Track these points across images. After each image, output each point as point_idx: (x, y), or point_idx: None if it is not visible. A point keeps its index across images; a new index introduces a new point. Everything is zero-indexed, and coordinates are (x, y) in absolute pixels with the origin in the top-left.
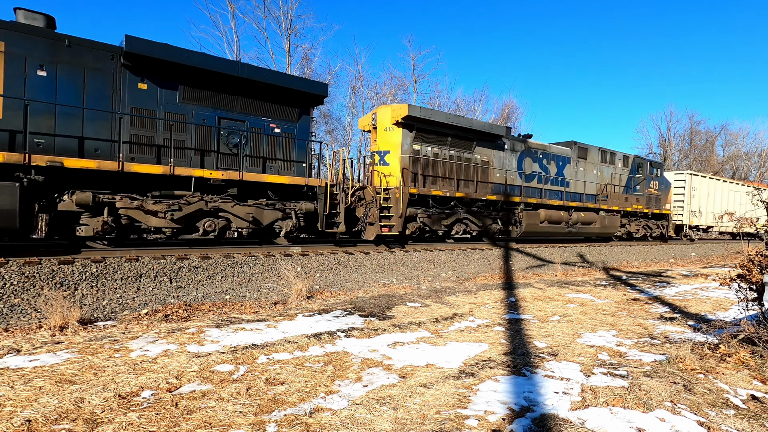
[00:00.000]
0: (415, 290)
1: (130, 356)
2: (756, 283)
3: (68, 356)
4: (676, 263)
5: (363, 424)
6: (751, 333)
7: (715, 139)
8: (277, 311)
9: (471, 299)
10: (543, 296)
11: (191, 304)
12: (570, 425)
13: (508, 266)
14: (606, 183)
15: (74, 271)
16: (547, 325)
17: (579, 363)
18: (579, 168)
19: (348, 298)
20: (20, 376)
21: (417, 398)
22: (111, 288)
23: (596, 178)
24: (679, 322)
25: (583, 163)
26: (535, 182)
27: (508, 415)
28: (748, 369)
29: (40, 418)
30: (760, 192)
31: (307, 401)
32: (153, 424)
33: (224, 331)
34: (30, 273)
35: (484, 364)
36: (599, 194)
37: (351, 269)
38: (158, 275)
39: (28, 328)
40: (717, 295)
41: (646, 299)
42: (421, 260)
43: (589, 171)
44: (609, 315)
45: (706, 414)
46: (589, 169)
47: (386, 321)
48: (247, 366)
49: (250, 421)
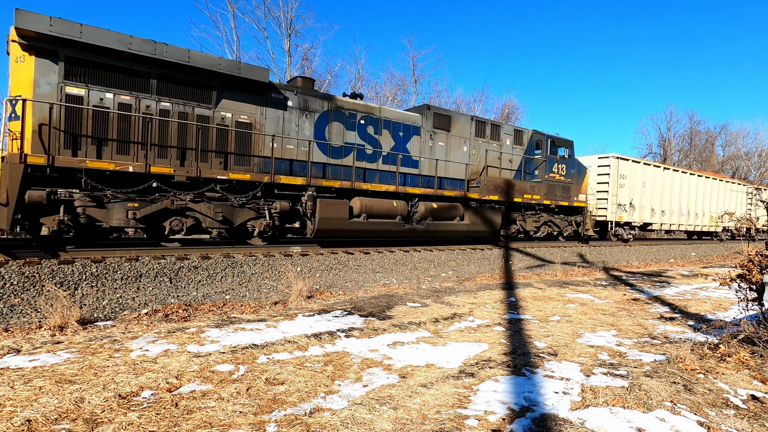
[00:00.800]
0: (415, 290)
1: (130, 356)
2: (756, 283)
3: (68, 356)
4: (676, 263)
5: (363, 424)
6: (751, 333)
7: (715, 139)
8: (277, 311)
9: (471, 299)
10: (543, 296)
11: (191, 304)
12: (570, 425)
13: (508, 266)
14: (485, 165)
15: (74, 271)
16: (547, 325)
17: (579, 363)
18: (437, 143)
19: (348, 298)
20: (20, 376)
21: (417, 398)
22: (111, 288)
23: (467, 157)
24: (679, 322)
25: (443, 137)
26: (351, 158)
27: (508, 415)
28: (748, 369)
29: (40, 418)
30: (760, 192)
31: (307, 401)
32: (153, 424)
33: (224, 331)
34: (30, 273)
35: (484, 364)
36: (471, 179)
37: (351, 269)
38: (158, 275)
39: (28, 328)
40: (717, 295)
41: (646, 299)
42: (421, 260)
43: (455, 147)
44: (609, 315)
45: (706, 414)
46: (454, 144)
47: (386, 321)
48: (247, 366)
49: (250, 421)
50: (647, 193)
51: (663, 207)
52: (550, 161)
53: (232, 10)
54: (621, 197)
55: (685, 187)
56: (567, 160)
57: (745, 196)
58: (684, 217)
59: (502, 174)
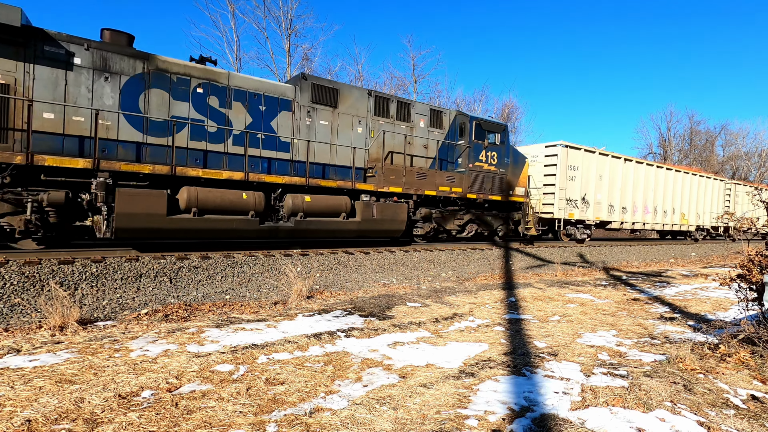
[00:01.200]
0: (415, 290)
1: (130, 356)
2: (756, 283)
3: (68, 356)
4: (676, 263)
5: (363, 424)
6: (751, 333)
7: (715, 139)
8: (277, 311)
9: (471, 299)
10: (543, 296)
11: (191, 304)
12: (570, 425)
13: (508, 266)
14: (387, 150)
15: (74, 271)
16: (547, 325)
17: (579, 363)
18: (317, 121)
19: (348, 298)
20: (20, 376)
21: (417, 398)
22: (111, 288)
23: (363, 140)
24: (679, 322)
25: (327, 114)
26: (184, 137)
27: (508, 415)
28: (748, 369)
29: (40, 418)
30: (760, 192)
31: (307, 401)
32: (153, 424)
33: (224, 331)
34: (30, 273)
35: (484, 364)
36: (371, 168)
37: (351, 269)
38: (158, 275)
39: (28, 328)
40: (717, 295)
41: (646, 299)
42: (421, 260)
43: (344, 128)
44: (609, 315)
45: (706, 414)
46: (344, 124)
47: (386, 321)
48: (247, 366)
49: (250, 421)
50: (604, 187)
51: (624, 203)
52: (476, 148)
53: (232, 10)
54: (571, 191)
55: (651, 181)
56: (498, 147)
57: (721, 192)
58: (650, 215)
59: (415, 162)
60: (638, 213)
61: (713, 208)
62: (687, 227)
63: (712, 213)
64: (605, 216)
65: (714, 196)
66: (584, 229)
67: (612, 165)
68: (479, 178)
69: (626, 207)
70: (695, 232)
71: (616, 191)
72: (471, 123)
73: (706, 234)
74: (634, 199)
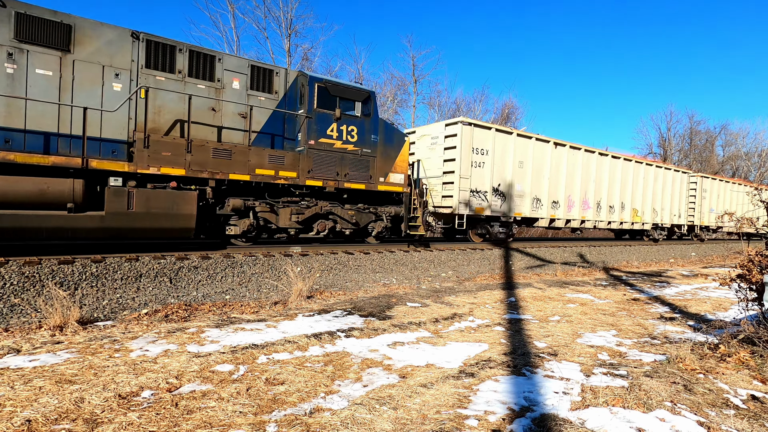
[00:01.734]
0: (415, 290)
1: (130, 356)
2: (756, 283)
3: (68, 356)
4: (676, 263)
5: (363, 424)
6: (751, 333)
7: (715, 139)
8: (277, 311)
9: (471, 299)
10: (543, 296)
11: (191, 304)
12: (570, 425)
13: (508, 266)
14: (175, 119)
15: (74, 271)
16: (547, 325)
17: (579, 363)
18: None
19: (348, 298)
20: (20, 376)
21: (417, 398)
22: (111, 288)
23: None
24: (679, 322)
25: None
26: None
27: (508, 415)
28: (748, 369)
29: (40, 418)
30: (759, 192)
31: (307, 401)
32: (153, 424)
33: (224, 331)
34: (30, 273)
35: (484, 364)
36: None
37: (351, 269)
38: (158, 275)
39: (28, 328)
40: (717, 295)
41: (646, 299)
42: (421, 260)
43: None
44: (609, 315)
45: (706, 414)
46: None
47: (386, 321)
48: (247, 366)
49: (250, 421)
50: (527, 176)
51: (555, 197)
52: (322, 120)
53: (232, 10)
54: (478, 181)
55: (593, 171)
56: (360, 120)
57: (684, 185)
58: (591, 211)
59: (227, 136)
60: (575, 208)
61: (675, 203)
62: (641, 225)
63: (673, 209)
64: (528, 211)
65: (676, 190)
66: (501, 227)
67: (538, 150)
68: (327, 159)
69: (558, 201)
70: (653, 231)
71: (543, 182)
72: (312, 86)
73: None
74: (569, 191)
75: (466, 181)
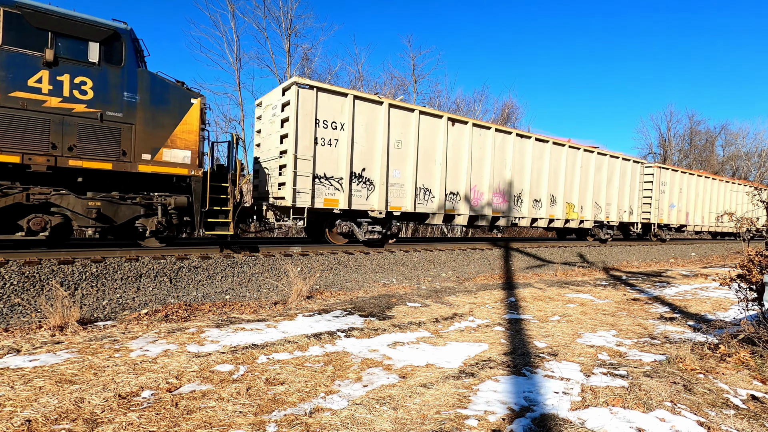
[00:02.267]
0: (415, 290)
1: (130, 356)
2: (756, 283)
3: (68, 356)
4: (676, 263)
5: (363, 424)
6: (751, 333)
7: (715, 139)
8: (277, 311)
9: (471, 299)
10: (543, 296)
11: (191, 304)
12: (570, 425)
13: (508, 266)
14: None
15: (74, 271)
16: (547, 325)
17: (579, 363)
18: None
19: (348, 298)
20: (20, 376)
21: (417, 398)
22: (111, 288)
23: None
24: (679, 322)
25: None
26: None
27: (508, 415)
28: (748, 369)
29: (40, 418)
30: (759, 192)
31: (307, 401)
32: (153, 424)
33: (224, 331)
34: (30, 273)
35: (484, 364)
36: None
37: (351, 269)
38: (158, 275)
39: (28, 328)
40: (717, 295)
41: (646, 299)
42: (421, 260)
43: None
44: (609, 315)
45: (706, 414)
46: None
47: (386, 321)
48: (247, 366)
49: (250, 421)
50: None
51: (456, 187)
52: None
53: (232, 10)
54: (326, 164)
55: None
56: (99, 70)
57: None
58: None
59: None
60: (481, 201)
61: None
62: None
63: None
64: (411, 205)
65: (626, 183)
66: (371, 225)
67: (427, 127)
68: (28, 123)
69: (458, 192)
70: (598, 230)
71: (434, 168)
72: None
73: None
74: (475, 181)
75: (307, 163)
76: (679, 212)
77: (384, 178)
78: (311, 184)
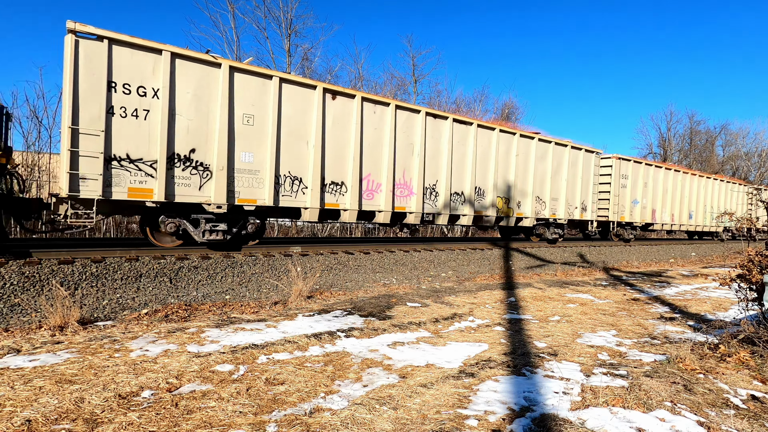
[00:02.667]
0: (415, 290)
1: (130, 356)
2: (756, 283)
3: (68, 356)
4: (676, 263)
5: (363, 424)
6: (751, 333)
7: (715, 139)
8: (277, 311)
9: (471, 299)
10: (543, 296)
11: (191, 304)
12: (570, 425)
13: (508, 266)
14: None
15: (74, 271)
16: (547, 325)
17: (579, 363)
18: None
19: (348, 298)
20: (20, 376)
21: (417, 398)
22: (111, 288)
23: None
24: (679, 322)
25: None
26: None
27: (508, 415)
28: (748, 369)
29: (40, 418)
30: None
31: (307, 401)
32: (153, 424)
33: (224, 331)
34: (30, 273)
35: (484, 364)
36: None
37: (351, 269)
38: (158, 275)
39: (28, 328)
40: (717, 295)
41: (646, 299)
42: (421, 260)
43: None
44: (609, 315)
45: (706, 414)
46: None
47: (386, 321)
48: (247, 366)
49: (250, 421)
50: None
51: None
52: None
53: (232, 10)
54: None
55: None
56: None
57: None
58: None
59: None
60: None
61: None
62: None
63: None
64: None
65: (577, 175)
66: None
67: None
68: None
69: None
70: (543, 229)
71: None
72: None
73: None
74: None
75: (95, 140)
76: (644, 209)
77: (230, 163)
78: (101, 168)
